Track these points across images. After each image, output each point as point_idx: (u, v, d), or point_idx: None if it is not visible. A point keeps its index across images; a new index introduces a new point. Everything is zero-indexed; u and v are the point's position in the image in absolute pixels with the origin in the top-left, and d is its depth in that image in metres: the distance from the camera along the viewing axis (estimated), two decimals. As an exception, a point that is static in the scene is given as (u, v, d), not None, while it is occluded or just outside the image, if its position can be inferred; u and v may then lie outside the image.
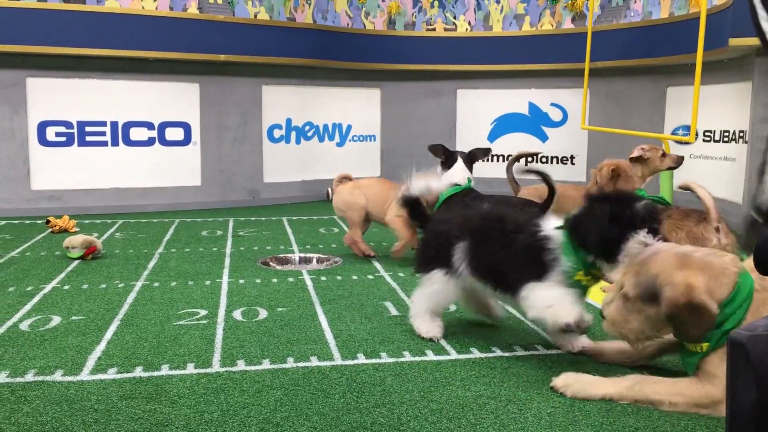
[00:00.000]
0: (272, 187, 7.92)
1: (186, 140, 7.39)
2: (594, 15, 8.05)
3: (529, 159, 8.25)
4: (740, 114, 6.54)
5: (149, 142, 7.24)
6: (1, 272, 4.31)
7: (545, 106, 8.56)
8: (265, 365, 2.73)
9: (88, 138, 6.97)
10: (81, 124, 6.93)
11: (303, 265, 4.76)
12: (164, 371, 2.66)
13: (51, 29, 6.42)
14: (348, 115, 8.58)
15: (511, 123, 8.71)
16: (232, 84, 7.52)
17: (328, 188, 8.11)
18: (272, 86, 7.80)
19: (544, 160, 8.57)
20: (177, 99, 7.30)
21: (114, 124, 7.06)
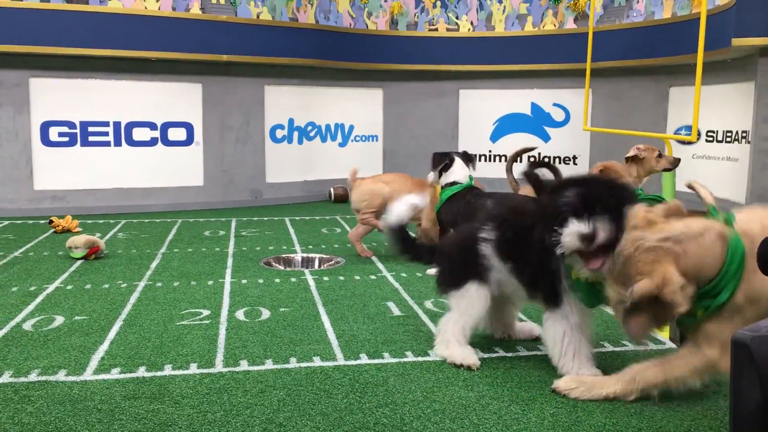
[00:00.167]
0: (274, 187, 7.92)
1: (189, 140, 7.40)
2: (596, 15, 8.04)
3: (530, 156, 8.21)
4: (743, 114, 6.53)
5: (152, 143, 7.25)
6: (5, 272, 4.32)
7: (548, 107, 8.55)
8: (268, 365, 2.73)
9: (91, 138, 6.98)
10: (84, 125, 6.94)
11: (305, 266, 4.76)
12: (167, 371, 2.66)
13: (54, 30, 6.43)
14: (350, 116, 8.58)
15: (514, 123, 8.70)
16: (235, 84, 7.52)
17: (330, 188, 8.12)
18: (275, 86, 7.80)
19: (547, 160, 8.56)
20: (179, 99, 7.31)
21: (117, 125, 7.07)
